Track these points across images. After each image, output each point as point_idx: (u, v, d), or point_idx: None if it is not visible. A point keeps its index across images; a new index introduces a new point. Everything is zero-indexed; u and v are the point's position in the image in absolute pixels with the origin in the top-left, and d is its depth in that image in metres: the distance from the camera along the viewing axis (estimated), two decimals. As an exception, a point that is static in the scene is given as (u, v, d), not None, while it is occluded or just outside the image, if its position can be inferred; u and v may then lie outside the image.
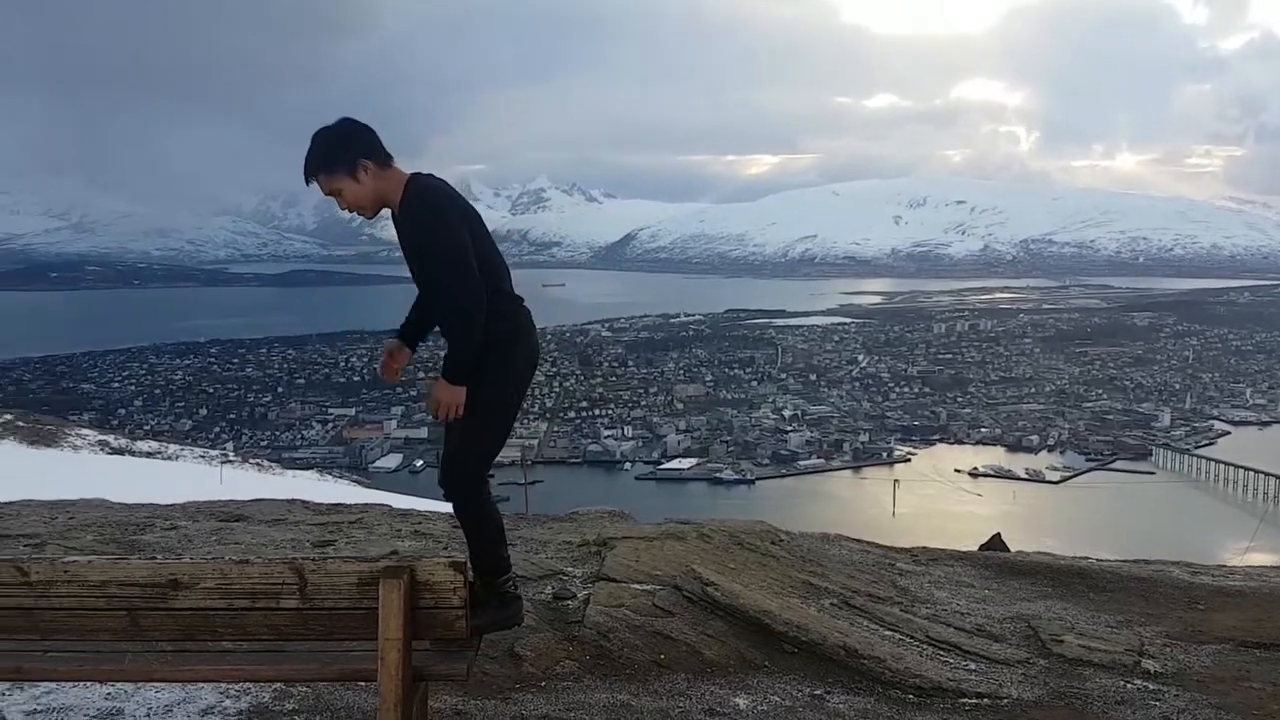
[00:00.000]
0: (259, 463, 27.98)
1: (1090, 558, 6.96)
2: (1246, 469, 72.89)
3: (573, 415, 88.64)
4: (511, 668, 4.38)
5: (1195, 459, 78.11)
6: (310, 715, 3.97)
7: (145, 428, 67.34)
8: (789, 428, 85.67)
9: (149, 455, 23.13)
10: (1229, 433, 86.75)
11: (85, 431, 24.30)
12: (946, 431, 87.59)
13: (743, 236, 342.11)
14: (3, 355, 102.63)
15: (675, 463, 78.07)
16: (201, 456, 25.04)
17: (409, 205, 3.57)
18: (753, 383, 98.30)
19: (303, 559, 3.21)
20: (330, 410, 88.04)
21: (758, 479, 74.81)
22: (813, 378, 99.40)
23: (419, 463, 71.84)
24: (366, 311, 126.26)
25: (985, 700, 4.28)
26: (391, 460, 75.86)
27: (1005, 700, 4.29)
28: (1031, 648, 4.91)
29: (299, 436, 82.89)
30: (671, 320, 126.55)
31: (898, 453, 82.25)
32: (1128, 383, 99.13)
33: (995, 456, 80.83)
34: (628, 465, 78.53)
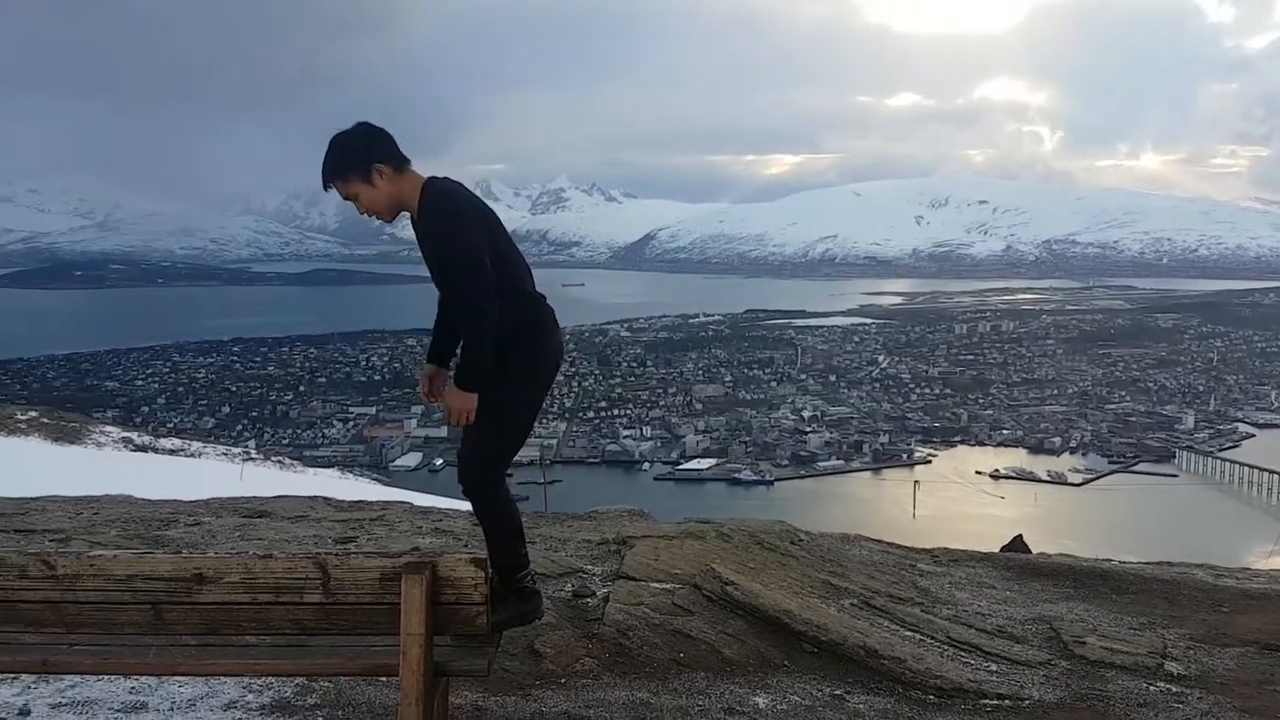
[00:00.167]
0: (281, 460, 28.03)
1: (1113, 560, 6.92)
2: (1271, 472, 71.97)
3: (591, 415, 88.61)
4: (531, 664, 4.40)
5: (1219, 462, 77.30)
6: (332, 710, 3.99)
7: (168, 425, 67.68)
8: (808, 428, 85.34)
9: (172, 453, 23.22)
10: (1253, 435, 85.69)
11: (109, 429, 24.40)
12: (968, 433, 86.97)
13: (762, 237, 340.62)
14: (28, 352, 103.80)
15: (694, 463, 77.85)
16: (224, 454, 25.11)
17: (426, 209, 3.58)
18: (772, 383, 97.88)
19: (326, 554, 3.23)
20: (351, 409, 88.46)
21: (777, 480, 74.47)
22: (832, 378, 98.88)
23: (439, 461, 72.07)
24: (387, 311, 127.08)
25: (1006, 702, 4.27)
26: (411, 459, 76.21)
27: (1026, 702, 4.28)
28: (1053, 649, 4.89)
29: (320, 435, 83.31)
30: (690, 320, 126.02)
31: (918, 454, 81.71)
32: (1151, 384, 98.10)
33: (1017, 458, 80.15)
34: (646, 465, 78.47)
